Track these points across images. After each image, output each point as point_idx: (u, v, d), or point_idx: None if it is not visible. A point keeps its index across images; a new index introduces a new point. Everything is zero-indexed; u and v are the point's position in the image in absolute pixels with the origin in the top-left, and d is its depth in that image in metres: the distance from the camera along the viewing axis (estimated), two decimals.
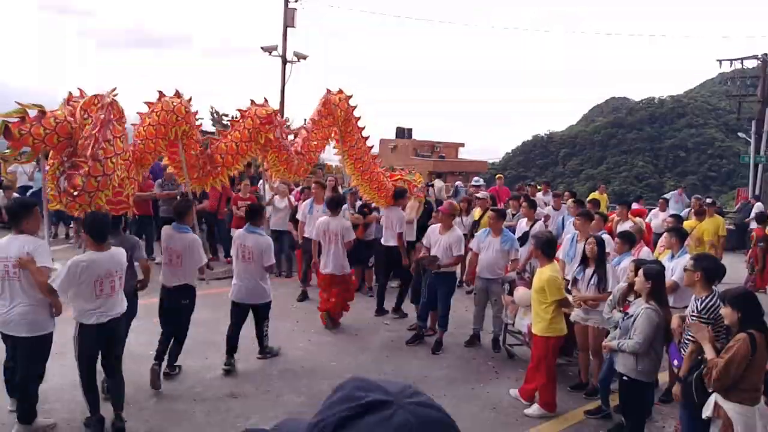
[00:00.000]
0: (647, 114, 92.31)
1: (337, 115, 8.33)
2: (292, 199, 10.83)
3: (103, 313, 4.92)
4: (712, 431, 4.22)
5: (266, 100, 7.45)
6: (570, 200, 10.51)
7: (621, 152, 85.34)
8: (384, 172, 9.49)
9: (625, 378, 5.15)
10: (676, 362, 4.99)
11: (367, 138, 9.07)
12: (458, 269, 8.68)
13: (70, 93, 5.68)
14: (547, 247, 5.99)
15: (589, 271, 6.26)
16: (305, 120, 8.59)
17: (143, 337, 7.15)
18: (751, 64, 28.50)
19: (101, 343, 5.04)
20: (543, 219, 10.00)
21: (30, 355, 4.91)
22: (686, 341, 4.80)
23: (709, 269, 4.88)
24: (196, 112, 6.94)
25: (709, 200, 13.21)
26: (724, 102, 72.49)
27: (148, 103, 6.48)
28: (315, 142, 8.27)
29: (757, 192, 25.22)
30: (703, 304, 4.71)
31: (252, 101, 7.38)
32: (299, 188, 11.45)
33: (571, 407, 6.17)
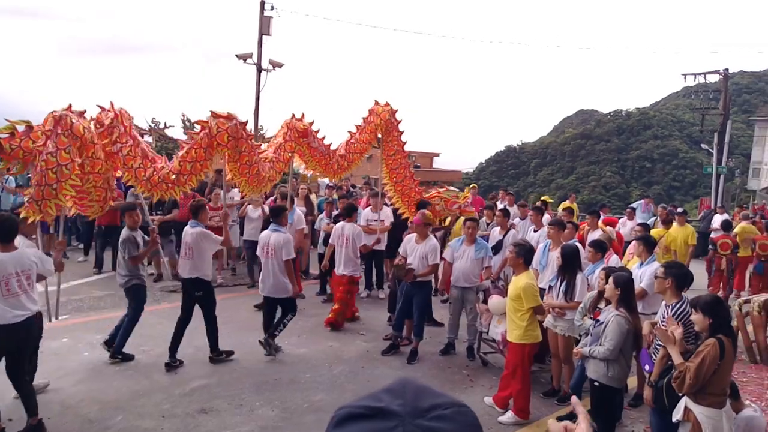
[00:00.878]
0: (615, 126, 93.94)
1: (376, 123, 9.25)
2: (266, 209, 10.77)
3: (9, 312, 5.00)
4: None
5: (229, 114, 7.37)
6: (531, 210, 10.40)
7: (590, 162, 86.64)
8: (417, 186, 10.01)
9: (596, 384, 5.23)
10: (647, 367, 5.08)
11: (406, 153, 9.90)
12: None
13: (70, 105, 6.13)
14: (528, 256, 6.06)
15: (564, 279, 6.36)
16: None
17: (105, 353, 7.06)
18: (713, 78, 29.30)
19: (11, 343, 5.08)
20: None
21: None
22: (657, 347, 4.89)
23: (679, 276, 4.99)
24: (246, 122, 7.56)
25: (679, 210, 13.49)
26: (688, 115, 74.27)
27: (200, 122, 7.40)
28: (357, 145, 9.28)
29: (719, 201, 25.79)
30: (674, 310, 4.81)
31: (212, 112, 7.32)
32: (273, 197, 11.36)
33: (544, 414, 6.23)
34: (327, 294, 10.12)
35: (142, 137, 7.41)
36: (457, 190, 11.03)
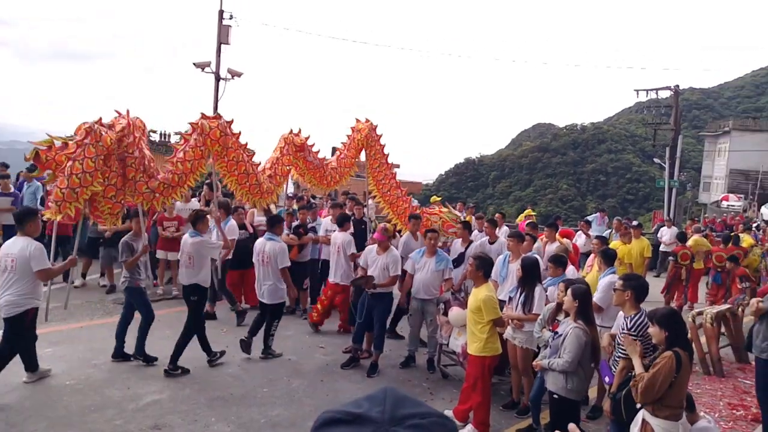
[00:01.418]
0: (570, 139, 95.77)
1: (359, 139, 9.66)
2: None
3: None
4: None
5: (217, 114, 7.96)
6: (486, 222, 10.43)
7: (547, 175, 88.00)
8: (404, 196, 10.26)
9: (555, 396, 5.24)
10: (607, 379, 5.12)
11: (390, 164, 10.18)
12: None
13: (100, 118, 6.64)
14: (487, 268, 6.06)
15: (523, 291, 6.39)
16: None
17: (60, 365, 6.82)
18: (665, 94, 30.07)
19: None
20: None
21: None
22: (617, 358, 4.93)
23: (638, 288, 5.05)
24: (232, 121, 7.84)
25: (634, 223, 13.77)
26: (641, 129, 76.07)
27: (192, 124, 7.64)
28: (345, 160, 9.71)
29: (671, 214, 26.44)
30: (633, 322, 4.86)
31: (202, 114, 7.78)
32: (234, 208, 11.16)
33: (504, 426, 6.24)
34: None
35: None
36: (459, 214, 11.05)
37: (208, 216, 7.90)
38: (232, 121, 7.84)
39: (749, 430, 6.33)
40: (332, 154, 10.67)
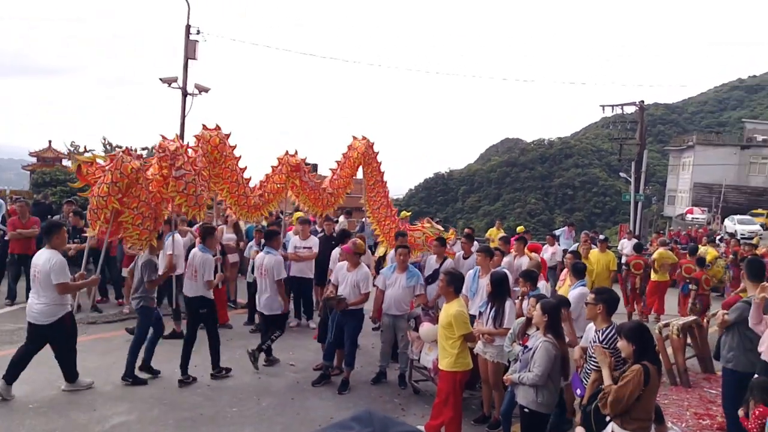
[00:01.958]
0: (538, 154, 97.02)
1: (355, 157, 9.66)
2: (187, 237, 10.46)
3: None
4: None
5: (216, 125, 8.19)
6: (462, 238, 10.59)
7: (515, 189, 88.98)
8: (393, 215, 10.27)
9: (526, 410, 5.26)
10: (579, 391, 5.16)
11: (384, 182, 10.21)
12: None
13: (127, 148, 7.35)
14: (458, 284, 6.09)
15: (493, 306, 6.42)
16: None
17: (23, 388, 6.65)
18: (630, 109, 30.70)
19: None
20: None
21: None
22: (588, 371, 4.98)
23: (609, 302, 5.12)
24: (229, 134, 8.20)
25: (601, 237, 14.01)
26: (607, 144, 77.58)
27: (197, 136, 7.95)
28: (340, 181, 9.71)
29: (637, 226, 26.91)
30: (604, 335, 4.91)
31: (203, 125, 8.08)
32: (198, 224, 11.02)
33: None
34: (255, 324, 9.85)
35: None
36: (442, 228, 11.08)
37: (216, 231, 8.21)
38: (229, 134, 8.20)
39: None
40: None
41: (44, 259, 6.43)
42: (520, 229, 16.01)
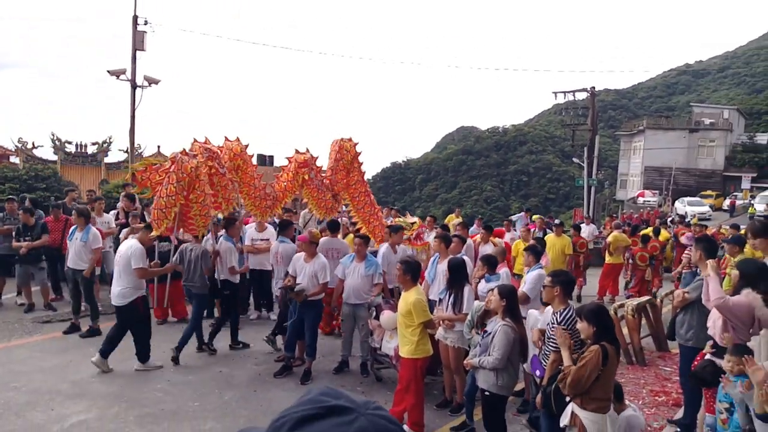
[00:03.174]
0: (493, 142, 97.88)
1: (347, 159, 9.83)
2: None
3: None
4: None
5: (237, 138, 8.76)
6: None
7: (471, 177, 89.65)
8: (378, 213, 10.50)
9: (486, 393, 5.35)
10: (538, 372, 5.27)
11: (366, 181, 10.42)
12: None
13: (184, 149, 7.67)
14: (415, 272, 6.14)
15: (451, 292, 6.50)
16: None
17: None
18: (582, 95, 31.19)
19: None
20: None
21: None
22: (547, 352, 5.08)
23: (566, 284, 5.22)
24: (247, 145, 8.77)
25: (556, 221, 14.27)
26: (560, 130, 78.72)
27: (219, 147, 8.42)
28: (339, 185, 9.77)
29: (591, 211, 27.46)
30: (562, 317, 5.01)
31: (225, 137, 8.58)
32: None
33: (438, 425, 6.31)
34: (214, 318, 9.74)
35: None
36: (409, 221, 11.13)
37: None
38: (247, 145, 8.78)
39: (671, 413, 6.65)
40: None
41: (126, 246, 7.39)
42: (535, 217, 16.34)
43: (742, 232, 11.56)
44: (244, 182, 8.73)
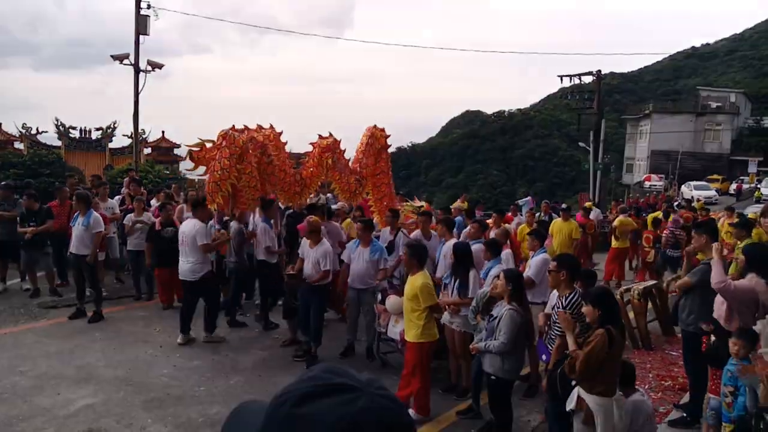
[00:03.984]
0: (498, 126, 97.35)
1: (377, 147, 10.13)
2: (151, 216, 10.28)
3: None
4: (574, 422, 4.47)
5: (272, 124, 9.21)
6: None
7: (476, 162, 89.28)
8: (395, 204, 10.56)
9: (492, 377, 5.34)
10: (544, 357, 5.25)
11: (390, 174, 10.65)
12: None
13: (233, 125, 8.23)
14: (421, 256, 6.11)
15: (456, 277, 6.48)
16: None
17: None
18: (588, 79, 30.96)
19: None
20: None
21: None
22: (552, 337, 5.06)
23: (572, 268, 5.19)
24: (286, 142, 9.26)
25: (563, 206, 14.19)
26: (566, 115, 78.13)
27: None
28: (366, 170, 9.94)
29: (597, 196, 27.33)
30: (568, 301, 4.99)
31: (257, 125, 8.94)
32: (158, 204, 10.82)
33: (444, 409, 6.30)
34: (223, 299, 9.76)
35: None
36: (420, 205, 11.17)
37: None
38: (281, 132, 9.17)
39: (677, 398, 6.63)
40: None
41: (190, 226, 7.90)
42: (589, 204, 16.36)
43: (750, 216, 11.48)
44: (280, 168, 8.96)
